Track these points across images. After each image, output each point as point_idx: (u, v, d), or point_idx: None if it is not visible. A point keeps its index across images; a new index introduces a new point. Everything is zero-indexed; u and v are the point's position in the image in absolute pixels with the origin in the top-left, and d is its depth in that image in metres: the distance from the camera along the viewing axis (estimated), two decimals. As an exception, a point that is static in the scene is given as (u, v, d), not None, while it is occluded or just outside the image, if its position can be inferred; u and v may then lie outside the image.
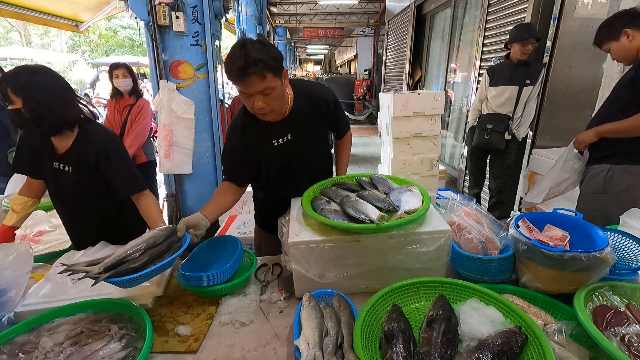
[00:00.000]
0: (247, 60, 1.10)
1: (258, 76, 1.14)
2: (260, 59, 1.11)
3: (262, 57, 1.12)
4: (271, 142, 1.38)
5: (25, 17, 4.09)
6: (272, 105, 1.24)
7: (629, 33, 1.71)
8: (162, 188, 3.53)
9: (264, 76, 1.14)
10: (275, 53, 1.17)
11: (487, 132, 3.11)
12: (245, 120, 1.36)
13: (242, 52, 1.11)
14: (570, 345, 0.83)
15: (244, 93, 1.20)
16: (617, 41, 1.76)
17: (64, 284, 1.18)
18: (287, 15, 12.93)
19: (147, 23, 2.73)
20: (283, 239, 1.18)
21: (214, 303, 1.15)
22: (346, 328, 0.92)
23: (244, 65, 1.11)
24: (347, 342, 0.88)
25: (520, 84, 2.93)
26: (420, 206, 1.16)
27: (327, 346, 0.87)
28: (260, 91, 1.18)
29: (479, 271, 1.10)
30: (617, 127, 1.75)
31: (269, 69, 1.14)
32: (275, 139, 1.38)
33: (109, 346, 0.90)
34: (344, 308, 0.99)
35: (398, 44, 7.44)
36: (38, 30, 19.07)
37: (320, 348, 0.87)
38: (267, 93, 1.19)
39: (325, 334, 0.91)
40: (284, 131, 1.39)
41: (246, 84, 1.15)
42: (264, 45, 1.15)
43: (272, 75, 1.16)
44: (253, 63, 1.11)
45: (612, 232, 1.19)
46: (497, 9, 3.69)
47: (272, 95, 1.21)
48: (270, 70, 1.15)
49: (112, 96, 3.22)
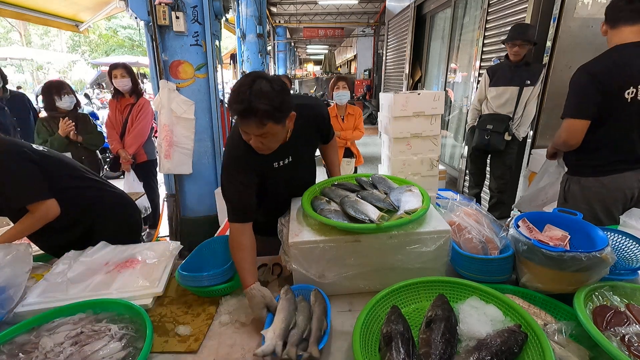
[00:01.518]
0: (250, 106, 1.06)
1: (257, 124, 1.09)
2: (262, 110, 1.06)
3: (265, 108, 1.06)
4: (272, 165, 1.35)
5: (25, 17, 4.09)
6: (269, 145, 1.20)
7: (602, 28, 1.69)
8: (162, 188, 3.53)
9: (263, 124, 1.09)
10: (281, 101, 1.10)
11: (488, 132, 3.10)
12: (245, 150, 1.26)
13: (248, 94, 1.06)
14: (570, 345, 0.83)
15: (243, 130, 1.16)
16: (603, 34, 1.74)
17: (63, 284, 1.18)
18: (287, 15, 12.93)
19: (147, 23, 2.73)
20: (283, 239, 1.18)
21: (214, 303, 1.15)
22: (316, 323, 0.94)
23: (244, 110, 1.06)
24: (314, 337, 0.90)
25: (521, 84, 2.92)
26: (420, 206, 1.16)
27: (292, 337, 0.90)
28: (256, 135, 1.14)
29: (479, 271, 1.10)
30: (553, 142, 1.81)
31: (270, 119, 1.09)
32: (276, 161, 1.35)
33: (109, 346, 0.90)
34: (319, 304, 1.01)
35: (398, 44, 7.43)
36: (38, 30, 19.07)
37: (283, 339, 0.89)
38: (265, 137, 1.15)
39: (293, 326, 0.93)
40: (286, 154, 1.36)
41: (244, 125, 1.12)
42: (273, 90, 1.09)
43: (272, 123, 1.11)
44: (254, 112, 1.06)
45: (612, 232, 1.19)
46: (497, 9, 3.69)
47: (270, 139, 1.17)
48: (272, 119, 1.10)
49: (113, 96, 3.24)
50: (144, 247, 1.41)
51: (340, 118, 3.49)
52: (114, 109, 3.22)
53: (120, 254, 1.36)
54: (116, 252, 1.37)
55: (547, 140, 3.13)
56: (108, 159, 5.84)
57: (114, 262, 1.32)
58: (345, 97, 3.40)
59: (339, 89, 3.38)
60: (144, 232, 3.63)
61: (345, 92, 3.39)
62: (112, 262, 1.32)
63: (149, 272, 1.26)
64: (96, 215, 1.58)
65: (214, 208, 3.16)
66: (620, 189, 1.67)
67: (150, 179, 3.51)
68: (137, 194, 2.88)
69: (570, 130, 1.65)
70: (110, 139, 3.25)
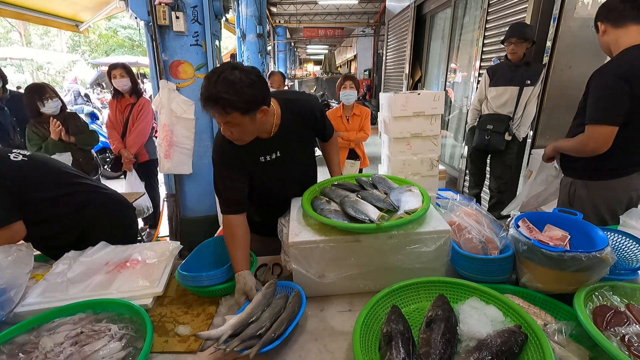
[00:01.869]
0: (212, 93, 1.06)
1: (219, 111, 1.09)
2: (225, 99, 1.06)
3: (228, 98, 1.06)
4: (258, 159, 1.34)
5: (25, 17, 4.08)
6: (239, 136, 1.20)
7: (601, 27, 1.62)
8: (162, 188, 3.53)
9: (226, 112, 1.09)
10: (250, 93, 1.09)
11: (488, 132, 3.10)
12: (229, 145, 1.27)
13: (214, 81, 1.07)
14: (570, 345, 0.83)
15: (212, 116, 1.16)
16: (597, 33, 1.65)
17: (63, 284, 1.18)
18: (287, 15, 12.93)
19: (147, 23, 2.73)
20: (283, 239, 1.18)
21: (214, 303, 1.15)
22: (276, 324, 0.94)
23: (207, 98, 1.08)
24: (264, 338, 0.90)
25: (521, 84, 2.92)
26: (420, 206, 1.16)
27: (246, 331, 0.91)
28: (224, 122, 1.14)
29: (479, 271, 1.10)
30: (566, 146, 1.70)
31: (234, 109, 1.09)
32: (262, 155, 1.34)
33: (109, 346, 0.90)
34: (293, 305, 1.01)
35: (398, 44, 7.43)
36: (38, 30, 19.07)
37: (237, 330, 0.91)
38: (232, 125, 1.15)
39: (255, 321, 0.95)
40: (272, 148, 1.35)
41: (212, 111, 1.12)
42: (241, 81, 1.08)
43: (238, 114, 1.10)
44: (214, 100, 1.06)
45: (612, 232, 1.19)
46: (497, 9, 3.69)
47: (238, 129, 1.16)
48: (237, 110, 1.09)
49: (113, 96, 3.24)
50: (143, 247, 1.41)
51: (345, 118, 3.38)
52: (114, 109, 3.22)
53: (120, 254, 1.36)
54: (116, 252, 1.37)
55: (547, 140, 3.13)
56: (109, 159, 5.85)
57: (114, 262, 1.32)
58: (352, 97, 3.30)
59: (346, 89, 3.27)
60: (144, 232, 3.63)
61: (352, 92, 3.27)
62: (112, 262, 1.32)
63: (148, 272, 1.26)
64: (89, 218, 1.55)
65: (214, 208, 3.16)
66: (627, 191, 1.63)
67: (152, 178, 3.52)
68: (138, 193, 2.88)
69: (600, 137, 1.52)
70: (111, 139, 3.25)
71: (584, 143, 1.57)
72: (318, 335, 1.00)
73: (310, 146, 1.56)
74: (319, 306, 1.12)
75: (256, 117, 1.16)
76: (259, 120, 1.19)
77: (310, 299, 1.15)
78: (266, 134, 1.32)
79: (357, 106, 3.41)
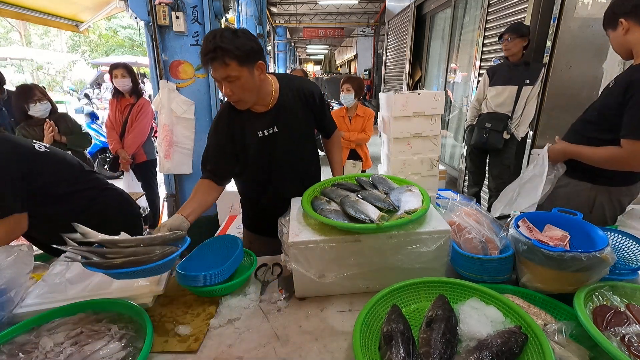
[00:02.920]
0: (213, 47, 1.15)
1: (219, 63, 1.17)
2: (223, 47, 1.15)
3: (226, 46, 1.15)
4: (256, 133, 1.39)
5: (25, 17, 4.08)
6: (240, 95, 1.26)
7: (624, 24, 1.46)
8: (162, 188, 3.53)
9: (225, 64, 1.17)
10: (245, 43, 1.19)
11: (486, 131, 3.11)
12: (230, 112, 1.38)
13: (211, 38, 1.17)
14: (570, 345, 0.83)
15: (214, 77, 1.24)
16: (613, 30, 1.51)
17: (62, 285, 1.18)
18: (287, 15, 12.93)
19: (147, 23, 2.73)
20: (283, 239, 1.18)
21: (214, 303, 1.15)
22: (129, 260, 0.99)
23: (209, 51, 1.16)
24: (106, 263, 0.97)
25: (520, 83, 2.93)
26: (420, 206, 1.16)
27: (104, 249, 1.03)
28: (224, 78, 1.21)
29: (479, 271, 1.10)
30: (589, 155, 1.53)
31: (232, 58, 1.17)
32: (260, 130, 1.39)
33: (109, 346, 0.90)
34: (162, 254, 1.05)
35: (398, 44, 7.43)
36: (38, 30, 19.07)
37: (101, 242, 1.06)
38: (231, 81, 1.22)
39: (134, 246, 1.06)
40: (270, 123, 1.39)
41: (212, 67, 1.20)
42: (235, 35, 1.18)
43: (236, 64, 1.18)
44: (213, 50, 1.16)
45: (612, 232, 1.19)
46: (497, 9, 3.69)
47: (238, 84, 1.23)
48: (235, 59, 1.18)
49: (114, 96, 3.24)
50: None
51: (347, 119, 3.43)
52: (114, 109, 3.22)
53: None
54: None
55: (547, 140, 3.13)
56: (108, 159, 5.86)
57: None
58: (349, 100, 3.35)
59: (344, 92, 3.34)
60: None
61: (349, 95, 3.32)
62: None
63: (149, 272, 1.25)
64: (99, 213, 1.57)
65: (214, 208, 3.16)
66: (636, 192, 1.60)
67: (150, 179, 3.51)
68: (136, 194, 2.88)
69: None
70: (109, 139, 3.25)
71: (623, 159, 1.43)
72: (318, 335, 1.00)
73: (308, 130, 1.54)
74: (319, 306, 1.12)
75: (254, 73, 1.25)
76: (258, 79, 1.27)
77: (310, 299, 1.16)
78: (264, 107, 1.38)
79: (360, 107, 3.45)
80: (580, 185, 1.65)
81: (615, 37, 1.50)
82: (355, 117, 3.41)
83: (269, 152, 1.42)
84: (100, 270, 0.97)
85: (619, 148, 1.43)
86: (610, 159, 1.48)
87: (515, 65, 2.96)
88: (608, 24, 1.53)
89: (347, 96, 3.34)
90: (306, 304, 1.14)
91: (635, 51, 1.46)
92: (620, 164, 1.46)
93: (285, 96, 1.40)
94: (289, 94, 1.41)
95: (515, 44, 2.89)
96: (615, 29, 1.49)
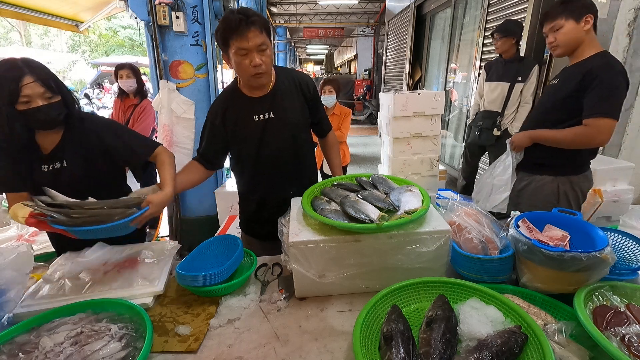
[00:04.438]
0: (247, 14, 1.23)
1: (258, 28, 1.24)
2: (258, 15, 1.25)
3: (259, 18, 1.25)
4: (252, 118, 1.42)
5: (25, 17, 4.08)
6: (267, 65, 1.32)
7: (590, 22, 1.57)
8: (162, 188, 3.53)
9: (261, 31, 1.25)
10: (267, 20, 1.32)
11: (479, 129, 3.19)
12: (228, 96, 1.45)
13: (239, 12, 1.24)
14: (570, 345, 0.83)
15: (243, 50, 1.26)
16: (576, 22, 1.58)
17: (61, 285, 1.18)
18: (287, 15, 12.93)
19: (147, 23, 2.73)
20: (283, 239, 1.18)
21: (214, 303, 1.15)
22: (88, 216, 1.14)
23: (245, 17, 1.22)
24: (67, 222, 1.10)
25: (512, 80, 2.97)
26: (420, 206, 1.16)
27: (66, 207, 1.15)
28: (258, 45, 1.26)
29: (479, 271, 1.10)
30: (555, 136, 1.67)
31: (265, 28, 1.27)
32: (256, 114, 1.42)
33: (109, 346, 0.89)
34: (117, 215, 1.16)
35: (398, 44, 7.43)
36: (38, 30, 19.07)
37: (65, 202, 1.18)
38: (263, 49, 1.28)
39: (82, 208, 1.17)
40: (266, 107, 1.42)
41: (247, 36, 1.23)
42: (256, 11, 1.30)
43: (266, 34, 1.28)
44: (252, 15, 1.23)
45: (612, 232, 1.19)
46: (497, 9, 3.69)
47: (267, 54, 1.30)
48: (266, 30, 1.28)
49: (118, 96, 3.25)
50: (142, 247, 1.41)
51: None
52: (117, 109, 3.23)
53: (118, 254, 1.36)
54: (114, 252, 1.37)
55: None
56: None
57: (112, 262, 1.32)
58: (330, 101, 3.46)
59: (326, 93, 3.45)
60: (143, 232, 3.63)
61: (331, 96, 3.45)
62: (110, 262, 1.32)
63: (148, 271, 1.26)
64: None
65: (214, 208, 3.16)
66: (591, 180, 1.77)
67: (150, 180, 3.51)
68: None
69: (608, 130, 1.55)
70: (110, 139, 3.24)
71: (590, 136, 1.57)
72: (318, 335, 1.00)
73: (303, 119, 1.53)
74: (319, 306, 1.12)
75: (271, 51, 1.34)
76: (272, 57, 1.35)
77: (310, 299, 1.16)
78: (261, 92, 1.43)
79: (338, 106, 3.57)
80: (543, 179, 1.77)
81: (575, 30, 1.59)
82: (332, 115, 3.50)
83: (263, 137, 1.44)
84: (64, 227, 1.07)
85: (584, 127, 1.57)
86: (576, 136, 1.61)
87: (508, 61, 3.01)
88: (568, 14, 1.58)
89: (329, 97, 3.44)
90: (306, 304, 1.14)
91: (581, 49, 1.61)
92: (587, 140, 1.59)
93: (282, 83, 1.45)
94: (285, 81, 1.46)
95: (504, 43, 2.94)
96: (578, 22, 1.58)
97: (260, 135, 1.43)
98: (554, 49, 1.68)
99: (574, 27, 1.58)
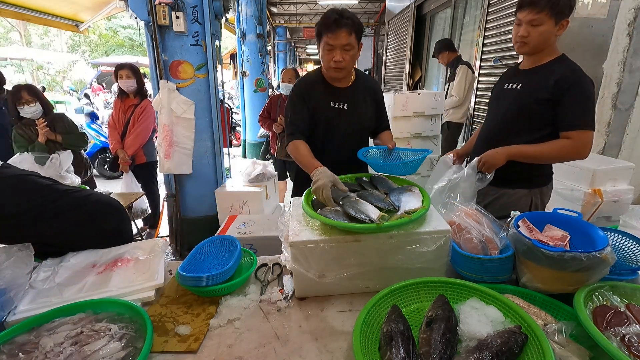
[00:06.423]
0: (342, 15, 1.43)
1: (347, 30, 1.43)
2: (353, 18, 1.44)
3: (354, 20, 1.44)
4: (329, 103, 1.62)
5: (25, 17, 4.09)
6: (348, 63, 1.50)
7: (564, 27, 1.48)
8: (162, 188, 3.53)
9: (350, 33, 1.44)
10: (360, 24, 1.48)
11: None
12: (313, 79, 1.66)
13: (337, 12, 1.43)
14: (570, 345, 0.83)
15: (329, 45, 1.47)
16: (555, 24, 1.46)
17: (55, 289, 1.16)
18: (287, 15, 12.92)
19: (147, 23, 2.72)
20: (283, 239, 1.18)
21: (214, 303, 1.15)
22: None
23: (340, 16, 1.42)
24: None
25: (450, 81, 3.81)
26: (421, 206, 1.16)
27: None
28: (343, 44, 1.45)
29: (479, 271, 1.10)
30: (539, 152, 1.53)
31: (355, 31, 1.45)
32: (334, 101, 1.63)
33: (109, 346, 0.89)
34: None
35: (398, 44, 7.43)
36: (38, 30, 19.06)
37: None
38: (347, 50, 1.47)
39: None
40: (344, 98, 1.63)
41: (336, 34, 1.43)
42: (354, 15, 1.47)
43: (355, 37, 1.47)
44: (346, 17, 1.43)
45: (612, 232, 1.19)
46: (497, 9, 3.69)
47: (351, 54, 1.49)
48: (355, 32, 1.46)
49: (118, 96, 3.24)
50: (130, 247, 1.40)
51: None
52: (117, 109, 3.23)
53: (106, 256, 1.35)
54: (101, 254, 1.36)
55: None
56: (108, 159, 5.86)
57: (102, 263, 1.30)
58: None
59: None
60: (144, 232, 3.63)
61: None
62: (100, 263, 1.31)
63: (144, 267, 1.25)
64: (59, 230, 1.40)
65: (214, 208, 3.16)
66: None
67: (150, 180, 3.51)
68: (136, 194, 2.88)
69: (589, 143, 1.48)
70: (110, 139, 3.25)
71: (575, 149, 1.49)
72: (318, 335, 1.00)
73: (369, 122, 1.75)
74: (319, 306, 1.12)
75: (357, 52, 1.53)
76: (354, 57, 1.53)
77: (310, 299, 1.15)
78: (344, 84, 1.65)
79: None
80: (517, 192, 1.69)
81: (551, 31, 1.47)
82: None
83: (334, 122, 1.65)
84: None
85: (567, 140, 1.49)
86: (561, 150, 1.51)
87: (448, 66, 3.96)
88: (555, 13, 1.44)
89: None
90: (306, 304, 1.14)
91: (549, 50, 1.55)
92: (572, 154, 1.51)
93: (360, 84, 1.68)
94: (363, 83, 1.69)
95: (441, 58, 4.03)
96: (556, 24, 1.46)
97: (331, 118, 1.64)
98: (521, 45, 1.53)
99: (551, 29, 1.47)
